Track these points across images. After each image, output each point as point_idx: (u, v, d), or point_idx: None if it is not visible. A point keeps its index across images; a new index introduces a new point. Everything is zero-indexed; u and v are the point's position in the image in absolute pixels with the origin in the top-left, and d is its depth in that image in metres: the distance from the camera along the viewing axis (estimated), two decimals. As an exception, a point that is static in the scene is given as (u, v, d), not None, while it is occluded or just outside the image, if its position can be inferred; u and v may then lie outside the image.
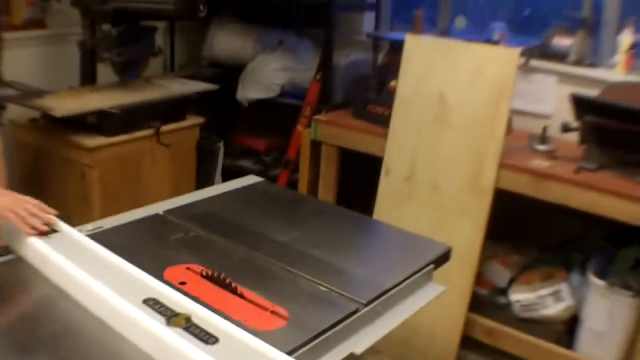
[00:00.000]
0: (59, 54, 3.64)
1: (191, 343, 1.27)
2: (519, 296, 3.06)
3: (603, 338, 2.86)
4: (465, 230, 2.96)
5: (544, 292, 3.01)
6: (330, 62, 3.65)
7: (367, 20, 4.15)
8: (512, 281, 3.17)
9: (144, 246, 1.81)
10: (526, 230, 3.38)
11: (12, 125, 3.15)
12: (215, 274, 1.60)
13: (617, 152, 2.86)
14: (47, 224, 1.72)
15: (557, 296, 2.99)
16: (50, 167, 3.10)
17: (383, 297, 1.64)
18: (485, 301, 3.17)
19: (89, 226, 1.89)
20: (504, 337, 3.04)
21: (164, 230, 1.91)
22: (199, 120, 3.50)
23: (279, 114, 3.97)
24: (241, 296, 1.54)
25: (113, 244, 1.73)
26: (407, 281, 1.74)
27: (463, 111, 2.99)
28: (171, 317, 1.35)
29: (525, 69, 3.41)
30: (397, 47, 3.28)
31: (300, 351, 1.37)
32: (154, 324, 1.32)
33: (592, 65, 3.39)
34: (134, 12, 3.18)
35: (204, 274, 1.63)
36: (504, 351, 3.08)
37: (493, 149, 2.91)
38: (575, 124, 2.96)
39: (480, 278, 3.19)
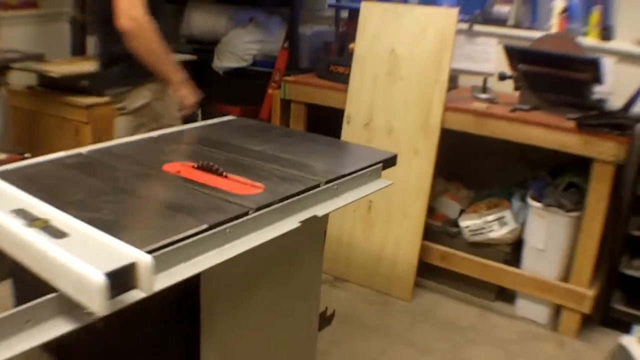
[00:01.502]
0: (50, 31, 4.00)
1: (43, 238, 1.39)
2: (467, 222, 3.46)
3: (544, 255, 3.27)
4: (418, 167, 3.38)
5: (490, 218, 3.41)
6: (296, 32, 4.08)
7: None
8: (461, 213, 3.58)
9: (143, 154, 2.18)
10: (476, 175, 3.80)
11: (9, 92, 3.49)
12: (205, 164, 1.99)
13: (547, 95, 3.28)
14: None
15: (501, 221, 3.39)
16: (46, 127, 3.45)
17: (340, 180, 2.00)
18: (439, 231, 3.57)
19: (95, 146, 2.26)
20: (457, 260, 3.46)
21: (159, 145, 2.28)
22: (180, 86, 3.87)
23: (252, 81, 4.37)
24: (226, 177, 1.93)
25: (117, 154, 2.12)
26: (361, 172, 2.10)
27: (411, 64, 3.41)
28: (32, 220, 1.49)
29: (469, 33, 3.84)
30: (354, 15, 3.72)
31: (274, 207, 1.74)
32: (15, 225, 1.48)
33: (530, 28, 3.80)
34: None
35: (195, 165, 2.01)
36: (457, 275, 3.49)
37: (438, 95, 3.32)
38: (510, 72, 3.38)
39: (433, 212, 3.61)
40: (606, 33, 3.52)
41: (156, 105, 2.80)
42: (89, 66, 3.44)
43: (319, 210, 1.89)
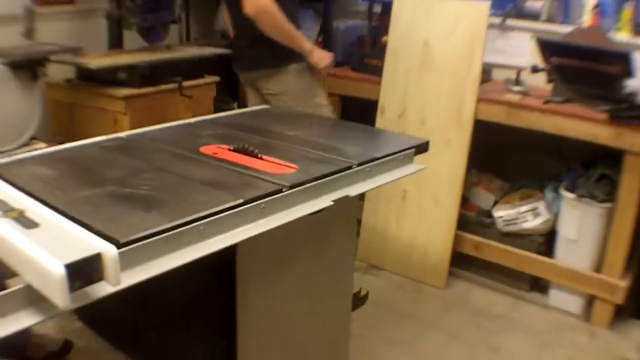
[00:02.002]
0: (86, 26, 4.08)
1: (13, 229, 1.37)
2: (501, 213, 3.47)
3: (577, 246, 3.27)
4: (450, 158, 3.40)
5: (523, 208, 3.42)
6: (330, 26, 4.12)
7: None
8: (495, 204, 3.59)
9: (181, 137, 2.26)
10: (510, 167, 3.81)
11: (48, 86, 3.57)
12: (241, 146, 2.04)
13: (580, 87, 3.27)
14: None
15: (535, 212, 3.40)
16: (85, 118, 3.52)
17: (373, 163, 2.04)
18: (472, 221, 3.59)
19: (133, 131, 2.33)
20: (490, 250, 3.47)
21: (196, 130, 2.35)
22: (215, 78, 3.96)
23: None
24: (261, 159, 1.98)
25: (155, 138, 2.19)
26: (393, 156, 2.14)
27: (444, 56, 3.44)
28: (7, 211, 1.48)
29: (502, 28, 3.85)
30: (387, 8, 3.75)
31: (307, 186, 1.78)
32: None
33: (562, 23, 3.79)
34: (156, -17, 3.66)
35: (232, 148, 2.07)
36: (491, 265, 3.50)
37: (471, 86, 3.34)
38: (542, 65, 3.39)
39: (467, 203, 3.62)
40: (639, 28, 3.51)
41: (302, 84, 3.15)
42: (125, 59, 3.53)
43: (352, 190, 1.93)
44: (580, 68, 3.19)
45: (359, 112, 3.78)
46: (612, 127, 3.01)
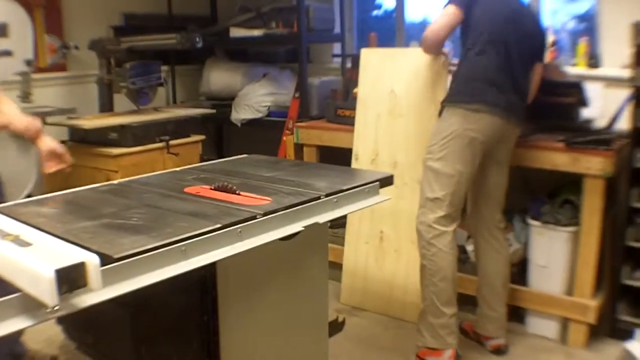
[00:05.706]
0: (78, 92, 4.37)
1: (10, 247, 1.59)
2: (473, 246, 3.66)
3: (548, 271, 3.47)
4: (423, 196, 3.61)
5: (493, 241, 3.60)
6: (306, 83, 4.39)
7: (337, 51, 4.93)
8: (468, 238, 3.79)
9: (168, 181, 2.48)
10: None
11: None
12: (221, 185, 2.27)
13: (540, 120, 3.52)
14: None
15: (505, 243, 3.59)
16: (79, 177, 3.72)
17: (340, 194, 2.26)
18: (448, 257, 3.75)
19: (124, 179, 2.56)
20: (467, 283, 3.62)
21: (181, 175, 2.58)
22: (201, 137, 4.22)
23: (267, 130, 4.69)
24: (239, 194, 2.21)
25: (144, 182, 2.43)
26: (359, 188, 2.36)
27: (409, 101, 3.71)
28: (5, 236, 1.69)
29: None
30: (357, 62, 4.02)
31: (279, 213, 2.00)
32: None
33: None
34: (143, 50, 3.94)
35: (212, 187, 2.29)
36: (467, 298, 3.66)
37: (437, 127, 3.58)
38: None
39: (442, 239, 3.80)
40: (594, 61, 3.79)
41: None
42: (116, 120, 3.79)
43: (321, 218, 2.15)
44: (538, 101, 3.43)
45: (336, 160, 4.01)
46: (568, 154, 3.24)
